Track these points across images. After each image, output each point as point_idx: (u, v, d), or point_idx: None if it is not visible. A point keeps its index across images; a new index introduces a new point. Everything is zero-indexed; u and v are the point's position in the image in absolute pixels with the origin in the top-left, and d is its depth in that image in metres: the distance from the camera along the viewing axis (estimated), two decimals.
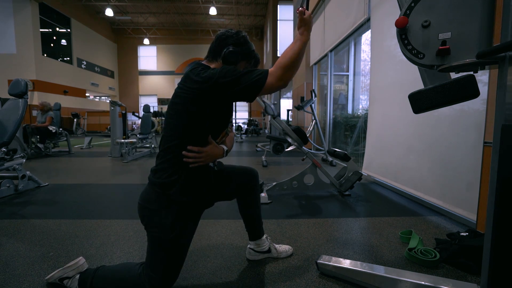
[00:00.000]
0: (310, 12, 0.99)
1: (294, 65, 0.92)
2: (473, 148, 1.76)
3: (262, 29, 18.27)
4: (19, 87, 2.68)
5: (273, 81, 0.90)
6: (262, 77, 0.90)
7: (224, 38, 1.05)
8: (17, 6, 11.16)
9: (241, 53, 1.04)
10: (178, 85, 1.01)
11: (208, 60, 1.08)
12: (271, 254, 1.38)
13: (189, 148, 0.97)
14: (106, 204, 2.29)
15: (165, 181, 0.97)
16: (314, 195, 2.56)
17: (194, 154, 0.97)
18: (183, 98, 0.96)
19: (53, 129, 5.20)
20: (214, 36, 1.09)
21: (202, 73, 0.94)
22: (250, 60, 1.10)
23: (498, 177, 0.75)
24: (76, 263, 1.11)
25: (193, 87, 0.94)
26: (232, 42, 1.04)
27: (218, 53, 1.04)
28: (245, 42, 1.06)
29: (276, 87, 0.92)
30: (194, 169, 0.99)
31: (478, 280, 1.20)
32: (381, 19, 2.95)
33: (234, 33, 1.05)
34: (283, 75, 0.91)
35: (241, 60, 1.06)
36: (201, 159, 0.99)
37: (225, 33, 1.06)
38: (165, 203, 0.98)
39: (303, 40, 0.95)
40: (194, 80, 0.94)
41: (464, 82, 0.83)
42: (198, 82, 0.93)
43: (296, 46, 0.93)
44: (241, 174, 1.24)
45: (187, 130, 0.97)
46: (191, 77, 0.96)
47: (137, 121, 14.08)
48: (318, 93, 6.34)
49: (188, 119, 0.96)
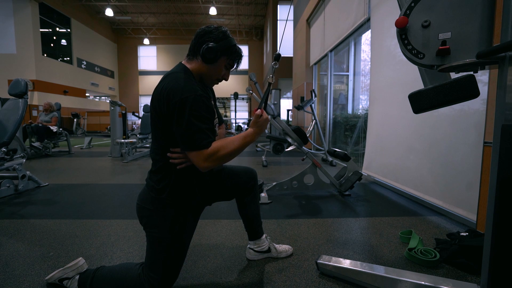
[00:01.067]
0: (267, 116, 1.02)
1: (229, 158, 0.92)
2: (473, 148, 1.75)
3: (262, 29, 18.26)
4: (19, 87, 2.68)
5: (199, 160, 0.89)
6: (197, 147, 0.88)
7: (202, 35, 0.98)
8: (17, 6, 11.15)
9: (220, 49, 0.98)
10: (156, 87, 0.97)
11: (188, 59, 1.02)
12: (271, 253, 1.38)
13: (171, 149, 0.96)
14: (106, 204, 2.29)
15: (156, 185, 0.97)
16: (314, 195, 2.56)
17: (179, 155, 0.95)
18: (153, 105, 0.95)
19: (54, 129, 5.24)
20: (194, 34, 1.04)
21: (172, 98, 0.88)
22: (231, 56, 1.02)
23: (498, 177, 0.75)
24: (76, 264, 1.11)
25: (158, 103, 0.92)
26: (211, 38, 0.97)
27: (198, 50, 0.98)
28: (224, 37, 0.99)
29: (198, 166, 0.90)
30: (184, 170, 0.97)
31: (478, 280, 1.20)
32: (381, 19, 2.95)
33: (213, 29, 0.99)
34: (212, 162, 0.90)
35: (221, 56, 0.99)
36: (185, 159, 0.96)
37: (204, 29, 1.00)
38: (161, 206, 0.98)
39: (248, 141, 0.96)
40: (164, 101, 0.90)
41: (464, 82, 0.83)
42: (161, 101, 0.90)
43: (241, 143, 0.94)
44: (239, 174, 1.24)
45: (167, 132, 0.95)
46: (163, 97, 0.90)
47: (137, 121, 14.08)
48: (318, 93, 6.34)
49: (163, 125, 0.94)
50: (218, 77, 1.04)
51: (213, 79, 1.05)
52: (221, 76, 1.05)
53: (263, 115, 1.00)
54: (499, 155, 0.74)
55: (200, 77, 1.02)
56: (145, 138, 5.88)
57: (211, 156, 0.89)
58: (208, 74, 1.01)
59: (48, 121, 5.32)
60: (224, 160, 0.92)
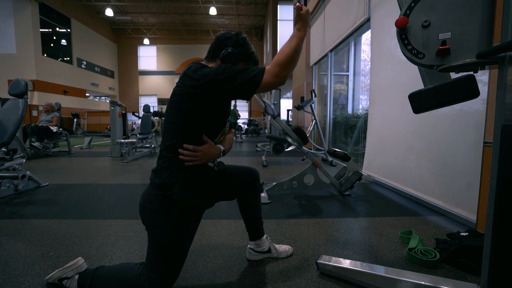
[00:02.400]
0: (307, 8, 0.98)
1: (291, 61, 0.91)
2: (473, 148, 1.75)
3: (262, 29, 18.27)
4: (19, 87, 2.68)
5: (270, 78, 0.89)
6: (258, 74, 0.89)
7: (223, 39, 1.05)
8: (17, 6, 11.16)
9: (240, 54, 1.04)
10: (176, 83, 1.01)
11: (207, 61, 1.09)
12: (271, 254, 1.38)
13: (184, 146, 0.97)
14: (106, 204, 2.28)
15: (165, 181, 0.98)
16: (314, 195, 2.56)
17: (190, 153, 0.97)
18: (181, 96, 0.97)
19: (54, 129, 5.26)
20: (214, 37, 1.10)
21: (199, 71, 0.95)
22: (249, 62, 1.09)
23: (498, 177, 0.75)
24: (75, 263, 1.11)
25: (190, 84, 0.94)
26: (231, 43, 1.04)
27: (217, 54, 1.05)
28: (244, 44, 1.06)
29: (273, 84, 0.90)
30: (193, 169, 0.99)
31: (478, 280, 1.20)
32: (381, 19, 2.95)
33: (233, 35, 1.06)
34: (280, 72, 0.90)
35: (240, 61, 1.06)
36: (196, 158, 0.98)
37: (224, 34, 1.06)
38: (166, 205, 0.98)
39: (300, 36, 0.94)
40: (191, 77, 0.95)
41: (464, 82, 0.83)
42: (195, 79, 0.93)
43: (293, 42, 0.92)
44: (242, 174, 1.24)
45: (184, 128, 0.98)
46: (188, 75, 0.96)
47: (137, 121, 14.07)
48: (318, 93, 6.34)
49: (185, 117, 0.97)
50: None
51: None
52: None
53: (302, 8, 0.98)
54: (499, 155, 0.74)
55: None
56: (145, 138, 5.88)
57: (275, 67, 0.89)
58: None
59: (50, 121, 5.38)
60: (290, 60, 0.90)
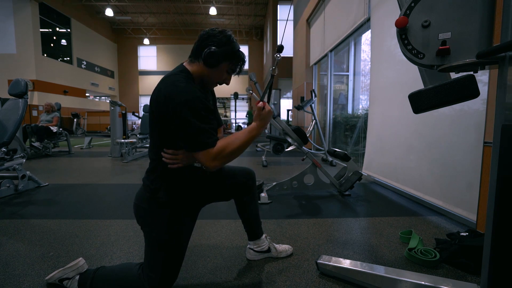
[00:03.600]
0: (270, 108, 0.99)
1: (235, 154, 0.91)
2: (473, 148, 1.75)
3: (262, 29, 18.26)
4: (19, 87, 2.68)
5: (206, 159, 0.87)
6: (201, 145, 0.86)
7: (206, 38, 0.96)
8: (17, 6, 11.15)
9: (223, 54, 0.96)
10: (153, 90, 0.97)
11: (190, 61, 1.00)
12: (271, 253, 1.38)
13: (165, 150, 0.96)
14: (106, 204, 2.28)
15: (152, 183, 0.97)
16: (314, 195, 2.56)
17: (171, 156, 0.95)
18: (151, 113, 0.96)
19: (54, 129, 5.27)
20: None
21: (167, 90, 0.89)
22: (234, 61, 1.01)
23: (498, 177, 0.75)
24: (76, 264, 1.11)
25: (155, 105, 0.92)
26: (214, 42, 0.95)
27: (200, 53, 0.97)
28: (228, 42, 0.97)
29: (204, 165, 0.89)
30: (178, 171, 0.97)
31: (478, 280, 1.20)
32: (381, 19, 2.95)
33: (217, 32, 0.97)
34: (218, 160, 0.88)
35: (223, 61, 0.98)
36: (177, 160, 0.96)
37: (208, 32, 0.97)
38: (156, 205, 0.98)
39: (254, 134, 0.94)
40: (157, 101, 0.91)
41: (464, 82, 0.83)
42: (159, 103, 0.90)
43: (246, 137, 0.93)
44: (237, 174, 1.23)
45: (161, 135, 0.96)
46: (157, 95, 0.91)
47: (137, 121, 14.08)
48: (318, 93, 6.34)
49: (160, 126, 0.95)
50: (219, 81, 1.04)
51: (214, 82, 1.04)
52: (222, 80, 1.04)
53: (265, 107, 0.98)
54: (499, 155, 0.74)
55: (200, 80, 1.01)
56: (145, 138, 5.88)
57: (218, 154, 0.88)
58: (209, 77, 1.00)
59: (50, 121, 5.39)
60: (232, 157, 0.91)
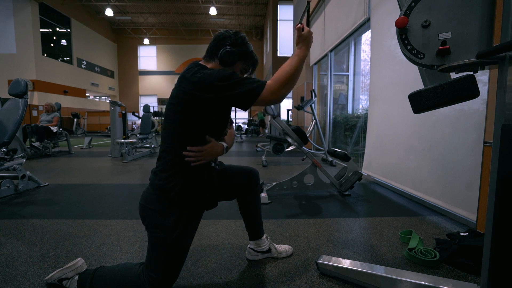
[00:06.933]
0: (308, 29, 1.00)
1: (290, 80, 0.92)
2: (473, 148, 1.75)
3: (262, 29, 18.26)
4: (19, 87, 2.68)
5: (268, 94, 0.89)
6: (257, 88, 0.89)
7: (222, 38, 1.04)
8: (17, 6, 11.16)
9: (238, 53, 1.03)
10: (175, 85, 1.01)
11: (205, 60, 1.07)
12: (271, 254, 1.38)
13: (188, 148, 0.97)
14: (106, 204, 2.28)
15: (164, 183, 0.97)
16: (314, 195, 2.56)
17: (194, 154, 0.98)
18: (179, 99, 0.96)
19: (54, 129, 5.27)
20: (213, 36, 1.09)
21: (198, 73, 0.94)
22: (248, 61, 1.08)
23: (498, 177, 0.75)
24: (75, 264, 1.11)
25: (188, 87, 0.93)
26: (230, 43, 1.03)
27: (215, 53, 1.04)
28: (243, 43, 1.05)
29: (270, 101, 0.91)
30: (194, 170, 0.99)
31: (478, 280, 1.20)
32: (381, 19, 2.95)
33: (232, 34, 1.05)
34: (279, 89, 0.90)
35: (238, 60, 1.05)
36: (201, 157, 0.99)
37: (223, 33, 1.06)
38: (165, 206, 0.98)
39: (301, 56, 0.96)
40: (189, 80, 0.94)
41: (464, 82, 0.83)
42: (193, 83, 0.93)
43: (294, 61, 0.94)
44: (241, 174, 1.24)
45: (185, 130, 0.98)
46: (186, 78, 0.95)
47: (137, 121, 14.07)
48: (318, 93, 6.34)
49: (185, 120, 0.96)
50: None
51: None
52: None
53: (304, 28, 0.99)
54: (499, 155, 0.74)
55: None
56: (145, 138, 5.88)
57: (275, 83, 0.90)
58: None
59: (50, 121, 5.40)
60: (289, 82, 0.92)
